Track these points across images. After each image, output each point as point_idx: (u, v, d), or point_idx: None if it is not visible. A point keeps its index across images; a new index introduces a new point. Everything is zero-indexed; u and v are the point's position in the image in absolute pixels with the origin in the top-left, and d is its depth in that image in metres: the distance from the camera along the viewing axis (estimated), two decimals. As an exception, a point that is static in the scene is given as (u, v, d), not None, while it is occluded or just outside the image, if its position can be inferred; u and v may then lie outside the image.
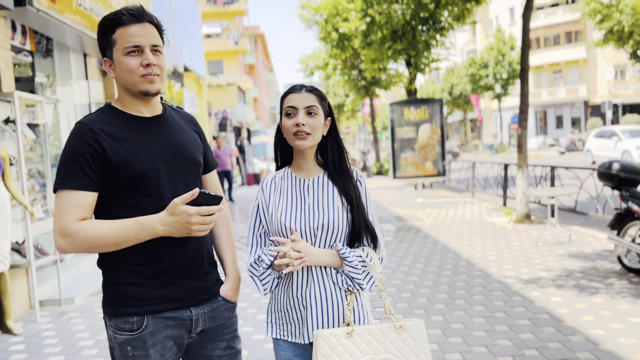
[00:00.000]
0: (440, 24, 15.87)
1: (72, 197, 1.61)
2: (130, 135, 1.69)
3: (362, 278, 1.79)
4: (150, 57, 1.67)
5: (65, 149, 1.66)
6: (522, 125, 8.95)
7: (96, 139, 1.63)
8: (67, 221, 1.60)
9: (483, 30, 50.11)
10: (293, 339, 1.85)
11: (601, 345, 3.74)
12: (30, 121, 5.47)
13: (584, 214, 8.70)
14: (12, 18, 5.37)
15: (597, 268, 5.81)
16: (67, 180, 1.62)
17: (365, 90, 23.95)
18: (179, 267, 1.72)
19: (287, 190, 1.89)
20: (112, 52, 1.68)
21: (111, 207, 1.68)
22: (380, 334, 1.79)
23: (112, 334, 1.70)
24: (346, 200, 1.83)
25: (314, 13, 20.67)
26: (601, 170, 5.78)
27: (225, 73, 35.11)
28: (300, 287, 1.81)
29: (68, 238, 1.60)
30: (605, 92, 40.74)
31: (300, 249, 1.73)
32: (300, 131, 1.79)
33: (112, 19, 1.67)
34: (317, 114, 1.82)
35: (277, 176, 1.93)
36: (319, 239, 1.81)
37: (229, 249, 1.95)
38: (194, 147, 1.84)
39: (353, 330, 1.76)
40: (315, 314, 1.79)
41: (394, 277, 5.88)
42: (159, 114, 1.79)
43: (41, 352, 4.18)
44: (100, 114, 1.72)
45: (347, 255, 1.78)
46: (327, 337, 1.73)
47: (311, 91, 1.84)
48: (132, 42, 1.65)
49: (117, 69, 1.69)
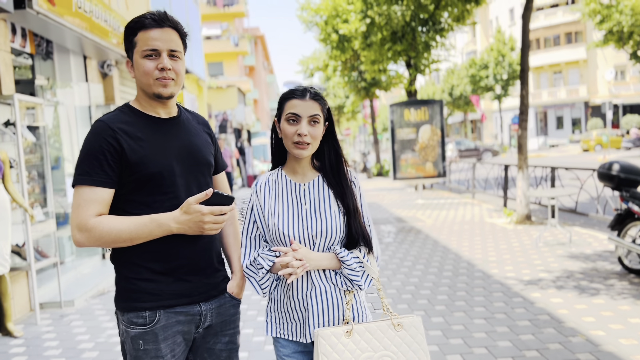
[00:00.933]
0: (440, 25, 15.87)
1: (90, 193, 1.66)
2: (148, 135, 1.74)
3: (360, 278, 1.83)
4: (165, 61, 1.72)
5: (84, 146, 1.70)
6: (522, 126, 8.95)
7: (115, 137, 1.68)
8: (85, 216, 1.65)
9: (483, 31, 50.14)
10: (293, 338, 1.87)
11: (602, 346, 3.74)
12: (30, 124, 5.47)
13: (584, 214, 8.69)
14: (12, 21, 5.38)
15: (597, 269, 5.80)
16: (86, 177, 1.66)
17: (366, 91, 23.95)
18: (191, 264, 1.78)
19: (283, 195, 1.88)
20: (133, 54, 1.75)
21: (126, 204, 1.72)
22: (379, 332, 1.83)
23: (125, 328, 1.75)
24: (342, 205, 1.85)
25: (314, 14, 20.69)
26: (601, 171, 5.78)
27: (226, 75, 35.13)
28: (301, 290, 1.84)
29: (85, 232, 1.65)
30: (605, 93, 40.73)
31: (301, 256, 1.76)
32: (302, 141, 1.78)
33: (135, 22, 1.74)
34: (319, 122, 1.82)
35: (271, 178, 1.91)
36: (317, 244, 1.83)
37: (236, 247, 2.00)
38: (206, 148, 1.89)
39: (352, 329, 1.80)
40: (316, 314, 1.83)
41: (395, 278, 5.87)
42: (175, 115, 1.85)
43: (41, 354, 4.18)
44: (119, 113, 1.76)
45: (345, 258, 1.81)
46: (327, 336, 1.77)
47: (315, 99, 1.81)
48: (150, 45, 1.71)
49: (135, 71, 1.75)
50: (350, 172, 1.91)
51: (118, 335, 1.84)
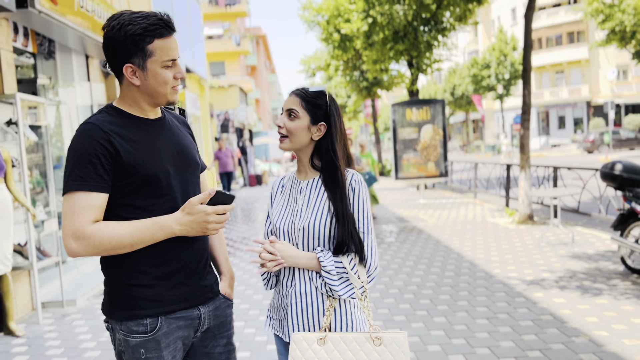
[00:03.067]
0: (442, 25, 15.86)
1: (85, 198, 1.58)
2: (140, 137, 1.68)
3: (337, 285, 1.77)
4: (182, 69, 1.71)
5: (75, 149, 1.61)
6: (524, 125, 8.93)
7: (109, 139, 1.60)
8: (81, 223, 1.56)
9: (485, 31, 50.06)
10: (281, 335, 1.90)
11: (605, 346, 3.73)
12: (32, 123, 5.47)
13: (587, 214, 8.67)
14: (14, 20, 5.38)
15: (600, 269, 5.79)
16: (81, 182, 1.58)
17: (367, 91, 23.95)
18: (189, 266, 1.75)
19: (288, 191, 1.96)
20: (145, 62, 1.65)
21: (120, 209, 1.66)
22: (354, 343, 1.74)
23: (123, 338, 1.67)
24: (333, 207, 1.80)
25: (316, 14, 20.68)
26: (604, 171, 5.76)
27: (227, 74, 35.16)
28: (285, 287, 1.87)
29: (83, 241, 1.56)
30: (607, 93, 40.64)
31: (277, 250, 1.78)
32: (279, 132, 1.87)
33: (147, 29, 1.62)
34: (297, 117, 1.83)
35: (287, 177, 2.00)
36: (301, 241, 1.84)
37: (222, 248, 1.99)
38: (193, 148, 1.87)
39: (326, 337, 1.74)
40: (295, 314, 1.83)
41: (396, 278, 5.87)
42: (160, 116, 1.81)
43: (43, 354, 4.18)
44: (105, 115, 1.69)
45: (322, 259, 1.77)
46: (299, 341, 1.74)
47: (296, 94, 1.86)
48: (171, 56, 1.67)
49: (148, 79, 1.66)
50: (352, 176, 1.85)
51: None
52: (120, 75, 1.70)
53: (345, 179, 1.83)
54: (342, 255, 1.78)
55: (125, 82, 1.71)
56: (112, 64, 1.69)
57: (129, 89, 1.71)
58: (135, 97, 1.72)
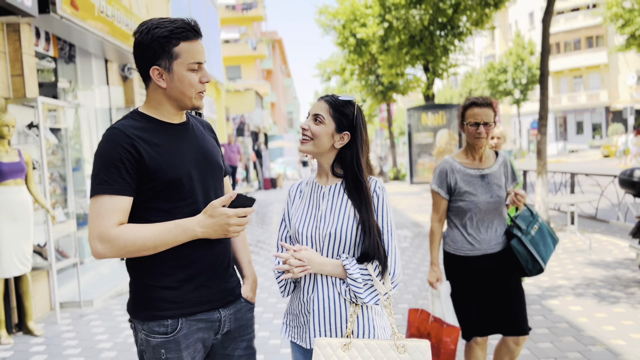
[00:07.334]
0: (459, 29, 15.80)
1: (110, 202, 1.62)
2: (164, 141, 1.71)
3: (363, 292, 1.78)
4: (208, 74, 1.73)
5: (100, 154, 1.65)
6: (541, 131, 8.85)
7: (133, 144, 1.64)
8: (106, 226, 1.60)
9: (502, 35, 49.72)
10: (300, 342, 1.88)
11: (622, 356, 3.68)
12: (52, 125, 5.57)
13: (604, 221, 8.56)
14: (37, 25, 5.49)
15: (618, 277, 5.71)
16: (106, 186, 1.62)
17: (383, 95, 23.91)
18: (210, 269, 1.77)
19: (307, 197, 1.94)
20: (171, 64, 1.68)
21: (145, 212, 1.69)
22: (379, 351, 1.74)
23: (145, 338, 1.71)
24: (359, 216, 1.81)
25: (332, 18, 20.75)
26: (622, 178, 5.69)
27: (243, 78, 35.40)
28: (307, 292, 1.86)
29: (107, 243, 1.60)
30: (627, 98, 40.08)
31: (303, 257, 1.77)
32: (303, 134, 1.87)
33: (174, 31, 1.66)
34: (322, 122, 1.84)
35: (304, 182, 2.00)
36: (326, 248, 1.83)
37: (245, 252, 2.00)
38: (216, 152, 1.89)
39: (351, 343, 1.74)
40: (317, 320, 1.82)
41: (411, 283, 5.84)
42: (185, 120, 1.83)
43: (61, 353, 4.24)
44: (130, 120, 1.72)
45: (348, 267, 1.78)
46: (323, 346, 1.73)
47: (325, 100, 1.87)
48: (197, 59, 1.69)
49: (174, 81, 1.69)
50: (376, 182, 1.87)
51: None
52: (147, 79, 1.73)
53: (370, 187, 1.84)
54: (367, 262, 1.79)
55: (152, 86, 1.73)
56: (140, 67, 1.72)
57: (155, 92, 1.74)
58: (161, 100, 1.74)
